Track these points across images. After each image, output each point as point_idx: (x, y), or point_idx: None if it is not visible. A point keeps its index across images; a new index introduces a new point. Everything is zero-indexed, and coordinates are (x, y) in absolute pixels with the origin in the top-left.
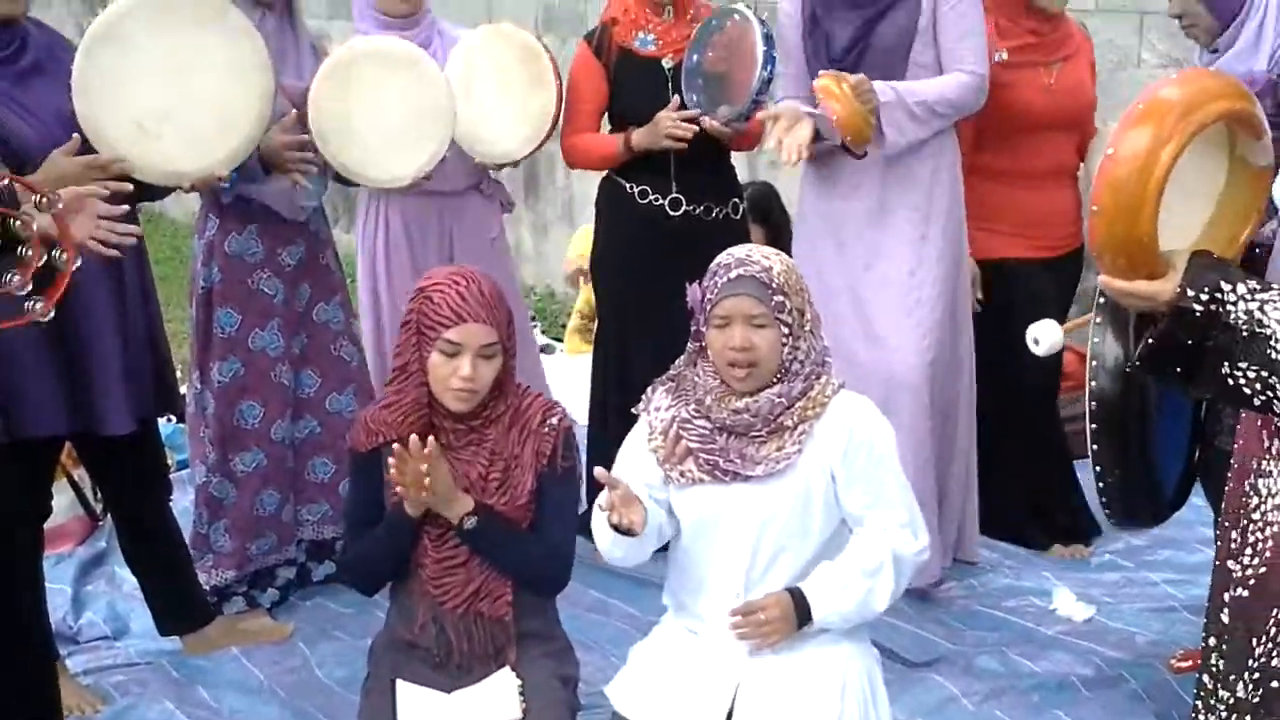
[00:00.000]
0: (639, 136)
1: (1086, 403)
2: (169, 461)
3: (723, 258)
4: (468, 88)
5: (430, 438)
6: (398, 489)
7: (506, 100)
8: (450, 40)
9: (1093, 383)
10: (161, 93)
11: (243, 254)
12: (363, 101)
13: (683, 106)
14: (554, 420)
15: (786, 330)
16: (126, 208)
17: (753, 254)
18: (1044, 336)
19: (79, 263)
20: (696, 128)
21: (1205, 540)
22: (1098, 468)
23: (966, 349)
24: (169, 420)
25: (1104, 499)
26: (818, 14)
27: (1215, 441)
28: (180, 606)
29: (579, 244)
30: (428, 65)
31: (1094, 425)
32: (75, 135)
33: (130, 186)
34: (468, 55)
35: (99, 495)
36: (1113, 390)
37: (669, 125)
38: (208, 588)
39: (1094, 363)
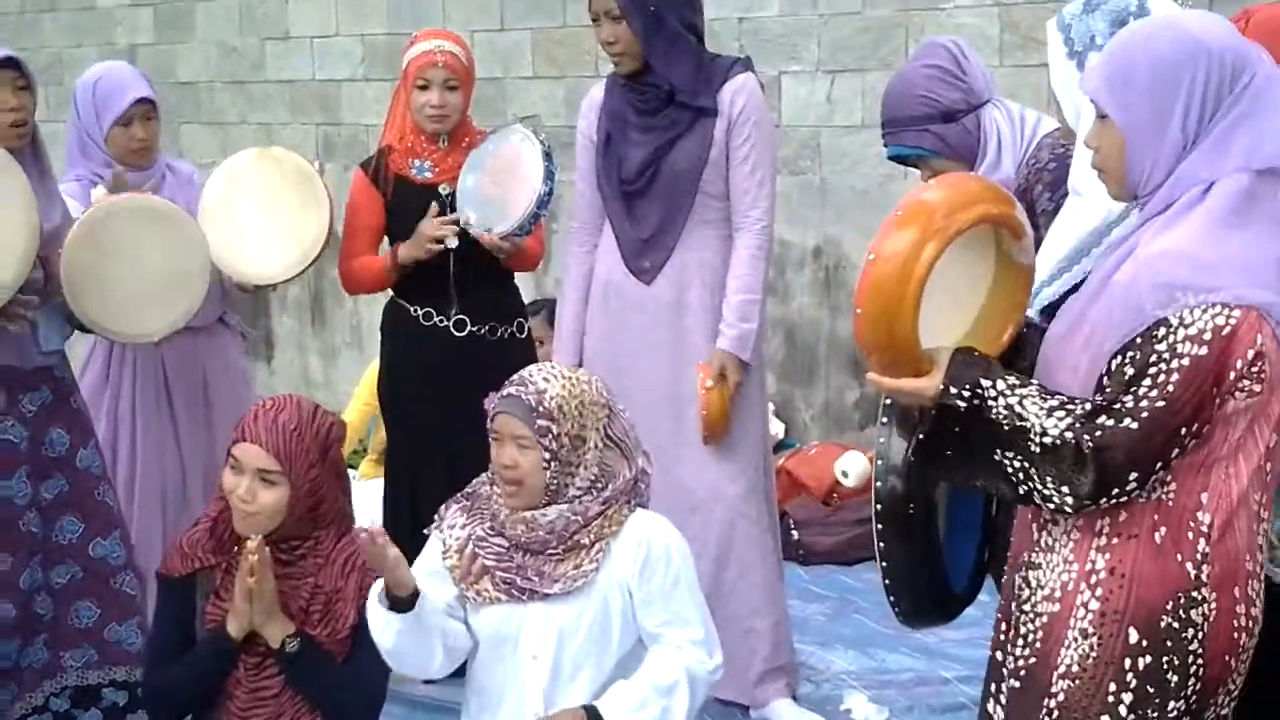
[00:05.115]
0: (404, 249)
1: (872, 503)
2: None
3: (517, 374)
4: (230, 208)
5: (262, 544)
6: (223, 604)
7: (273, 222)
8: (184, 176)
9: (878, 482)
10: None
11: None
12: (116, 256)
13: (442, 213)
14: None
15: (548, 455)
16: None
17: (534, 375)
18: (851, 469)
19: None
20: (456, 227)
21: None
22: (884, 564)
23: (769, 479)
24: None
25: (892, 597)
26: (612, 136)
27: (1008, 534)
28: None
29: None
30: (185, 221)
31: (879, 525)
32: None
33: None
34: (232, 175)
35: None
36: (899, 487)
37: (430, 229)
38: None
39: (880, 462)
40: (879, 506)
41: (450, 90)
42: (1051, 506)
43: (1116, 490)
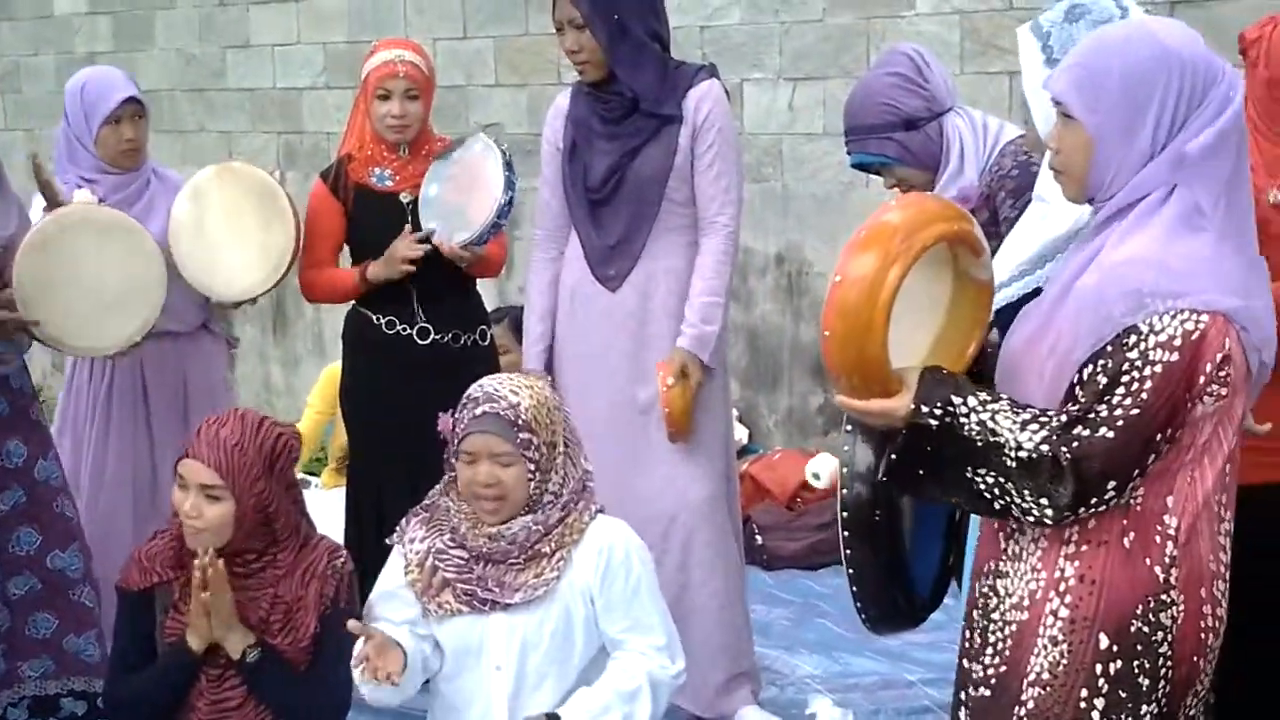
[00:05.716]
0: (375, 269)
1: (838, 511)
2: None
3: (473, 390)
4: (198, 226)
5: (220, 560)
6: (183, 618)
7: (241, 237)
8: (170, 184)
9: (844, 489)
10: None
11: None
12: (71, 269)
13: (416, 229)
14: (339, 563)
15: (533, 466)
16: None
17: (501, 389)
18: (823, 471)
19: None
20: (429, 246)
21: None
22: (851, 571)
23: (733, 485)
24: None
25: (859, 604)
26: (578, 144)
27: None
28: None
29: (325, 388)
30: (139, 233)
31: (846, 531)
32: None
33: None
34: (197, 194)
35: None
36: (865, 494)
37: (403, 249)
38: None
39: (845, 470)
40: (845, 514)
41: (411, 100)
42: (1030, 520)
43: (1095, 500)
